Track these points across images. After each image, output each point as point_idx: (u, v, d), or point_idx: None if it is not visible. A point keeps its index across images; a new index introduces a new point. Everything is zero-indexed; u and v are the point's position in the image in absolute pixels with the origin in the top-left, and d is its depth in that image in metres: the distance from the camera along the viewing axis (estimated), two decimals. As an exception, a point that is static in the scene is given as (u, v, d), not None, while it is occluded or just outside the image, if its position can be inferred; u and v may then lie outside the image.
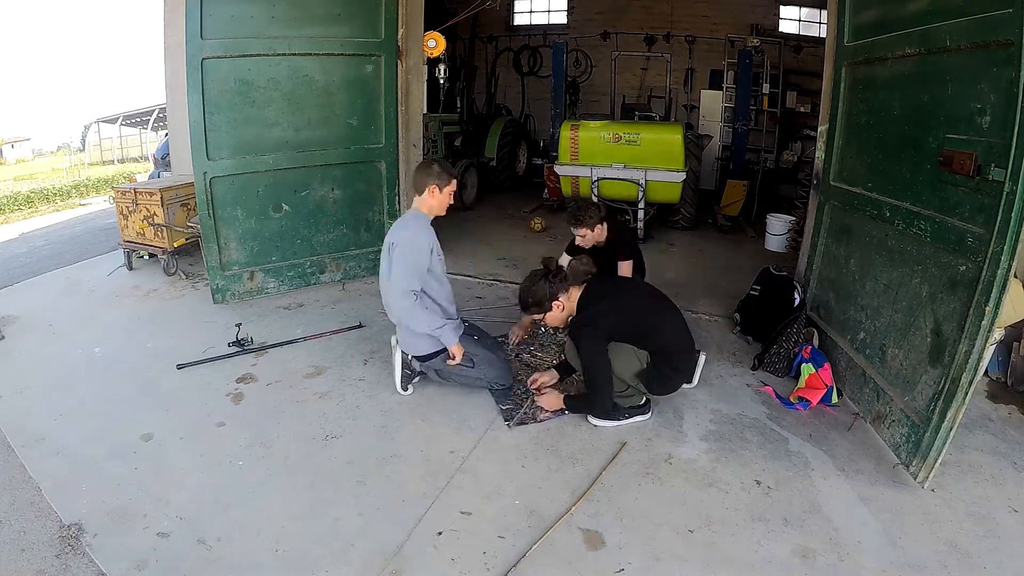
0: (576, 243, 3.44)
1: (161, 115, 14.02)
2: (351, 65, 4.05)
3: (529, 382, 2.78)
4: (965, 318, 2.04)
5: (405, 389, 2.79)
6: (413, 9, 4.27)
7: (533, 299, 2.51)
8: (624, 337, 2.46)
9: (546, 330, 3.42)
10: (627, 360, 2.45)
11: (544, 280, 2.48)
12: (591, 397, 2.48)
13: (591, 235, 3.35)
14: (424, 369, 2.80)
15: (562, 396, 2.63)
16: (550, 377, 2.76)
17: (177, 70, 4.33)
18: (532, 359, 3.13)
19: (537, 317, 2.62)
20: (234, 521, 2.03)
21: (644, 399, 2.56)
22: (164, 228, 4.35)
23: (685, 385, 2.74)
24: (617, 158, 5.63)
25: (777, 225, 5.65)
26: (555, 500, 2.15)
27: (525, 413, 2.63)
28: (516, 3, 10.38)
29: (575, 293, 2.52)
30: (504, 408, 2.67)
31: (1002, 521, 2.07)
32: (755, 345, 3.42)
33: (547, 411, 2.65)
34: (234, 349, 3.23)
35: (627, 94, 8.77)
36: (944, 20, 2.20)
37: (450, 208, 2.87)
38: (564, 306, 2.51)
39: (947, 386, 2.10)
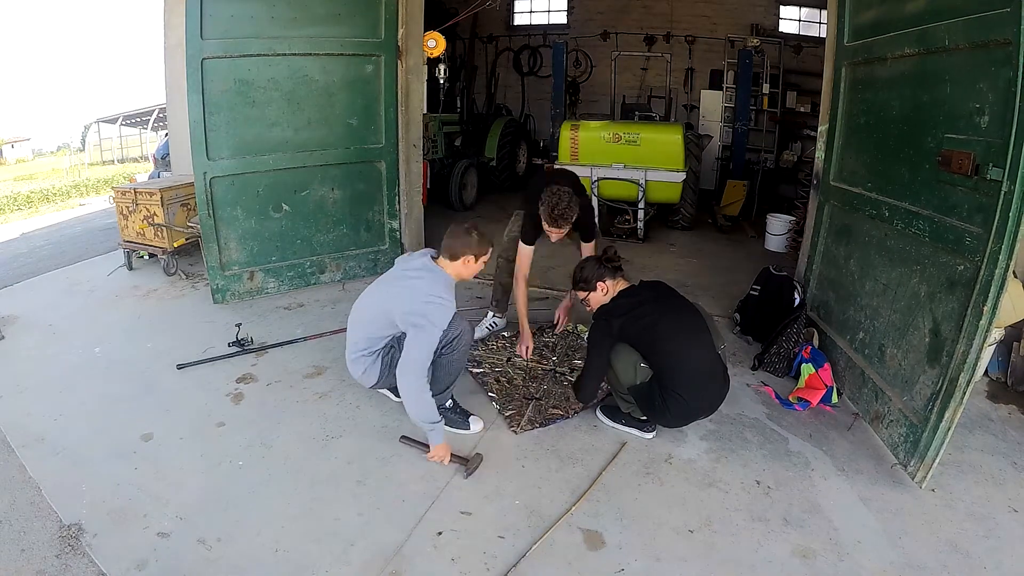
0: (552, 239, 3.06)
1: (161, 115, 14.02)
2: (351, 65, 4.05)
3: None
4: (963, 318, 2.04)
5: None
6: (413, 9, 4.27)
7: (582, 275, 2.58)
8: (631, 342, 2.41)
9: (539, 333, 3.50)
10: (626, 369, 2.41)
11: (596, 262, 2.57)
12: (579, 377, 2.58)
13: (563, 235, 3.06)
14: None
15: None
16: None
17: (177, 70, 4.34)
18: (523, 361, 3.14)
19: (581, 295, 2.63)
20: (234, 521, 2.03)
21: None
22: (164, 228, 4.35)
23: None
24: (617, 158, 5.63)
25: (777, 225, 5.65)
26: (555, 500, 2.15)
27: (530, 418, 2.63)
28: (516, 3, 10.38)
29: (618, 285, 2.54)
30: (507, 414, 2.67)
31: (1002, 521, 2.08)
32: (755, 345, 3.42)
33: (554, 410, 2.70)
34: (234, 349, 3.23)
35: (627, 94, 8.76)
36: (943, 20, 2.20)
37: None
38: (608, 289, 2.53)
39: (945, 386, 2.10)
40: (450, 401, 2.61)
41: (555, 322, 3.49)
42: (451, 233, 2.51)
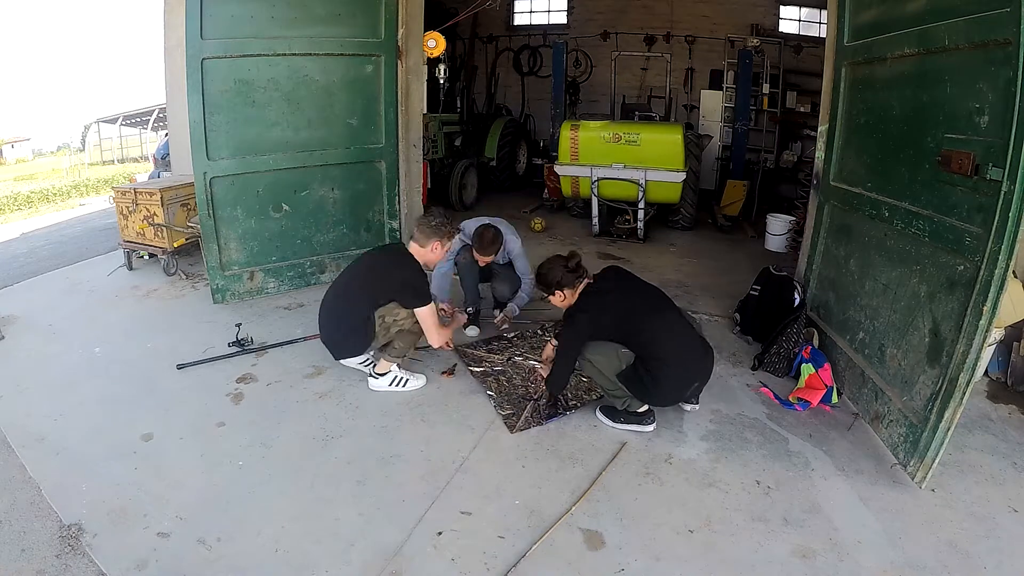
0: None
1: (161, 115, 14.03)
2: (351, 65, 4.05)
3: (535, 378, 2.93)
4: (963, 318, 2.04)
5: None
6: (413, 9, 4.27)
7: (545, 279, 2.62)
8: (607, 334, 2.48)
9: (541, 333, 3.53)
10: (608, 358, 2.46)
11: (562, 268, 2.58)
12: (551, 372, 2.63)
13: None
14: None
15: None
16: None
17: (177, 70, 4.34)
18: (524, 360, 3.15)
19: (546, 296, 2.72)
20: (234, 521, 2.03)
21: (644, 407, 2.55)
22: (164, 228, 4.35)
23: (685, 406, 2.68)
24: (617, 158, 5.63)
25: (777, 225, 5.65)
26: (555, 500, 2.15)
27: (527, 419, 2.63)
28: (516, 3, 10.38)
29: (579, 288, 2.59)
30: (504, 414, 2.67)
31: (1002, 521, 2.08)
32: (755, 345, 3.42)
33: (548, 411, 2.70)
34: (234, 349, 3.23)
35: (627, 94, 8.76)
36: (943, 20, 2.20)
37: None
38: (566, 297, 2.61)
39: (945, 386, 2.10)
40: None
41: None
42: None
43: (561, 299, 2.62)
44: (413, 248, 2.83)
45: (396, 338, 2.79)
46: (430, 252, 2.84)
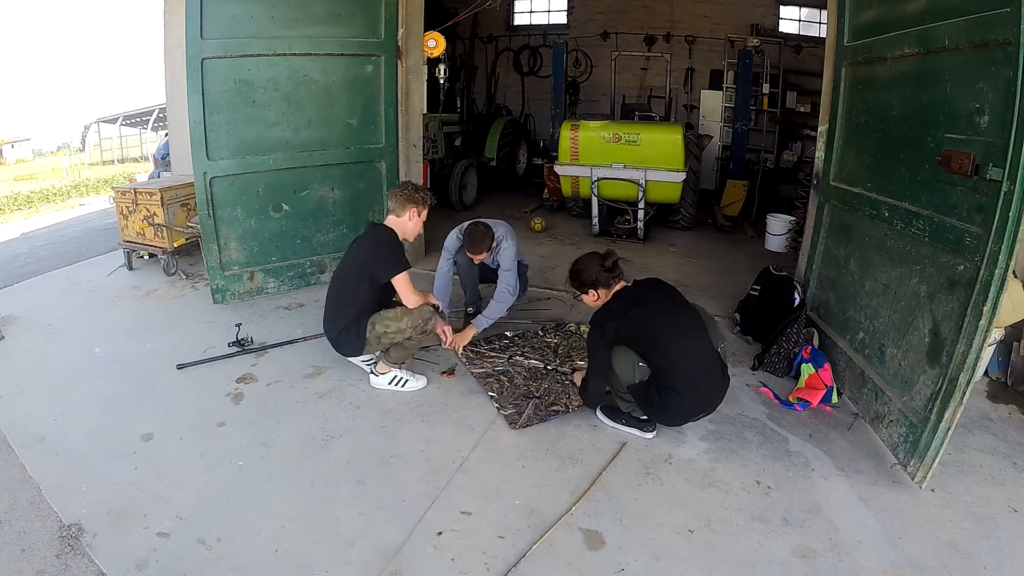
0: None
1: (161, 115, 14.03)
2: (351, 65, 4.05)
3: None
4: (963, 318, 2.04)
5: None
6: (413, 9, 4.27)
7: (579, 277, 2.56)
8: (629, 344, 2.42)
9: (542, 334, 3.51)
10: (624, 368, 2.42)
11: (598, 266, 2.51)
12: (583, 382, 2.60)
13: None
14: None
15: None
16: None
17: (177, 70, 4.34)
18: (525, 360, 3.15)
19: (579, 295, 2.65)
20: (234, 521, 2.03)
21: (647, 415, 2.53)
22: (164, 228, 4.35)
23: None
24: (617, 158, 5.63)
25: (777, 225, 5.65)
26: (555, 500, 2.15)
27: (529, 416, 2.64)
28: (516, 3, 10.38)
29: (613, 290, 2.52)
30: (506, 414, 2.67)
31: (1002, 521, 2.08)
32: (755, 345, 3.42)
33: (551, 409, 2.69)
34: (234, 349, 3.23)
35: (627, 94, 8.76)
36: (943, 20, 2.20)
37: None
38: (599, 297, 2.55)
39: (945, 386, 2.10)
40: None
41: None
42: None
43: (594, 299, 2.55)
44: (391, 221, 2.86)
45: (391, 348, 2.81)
46: (408, 221, 2.86)
